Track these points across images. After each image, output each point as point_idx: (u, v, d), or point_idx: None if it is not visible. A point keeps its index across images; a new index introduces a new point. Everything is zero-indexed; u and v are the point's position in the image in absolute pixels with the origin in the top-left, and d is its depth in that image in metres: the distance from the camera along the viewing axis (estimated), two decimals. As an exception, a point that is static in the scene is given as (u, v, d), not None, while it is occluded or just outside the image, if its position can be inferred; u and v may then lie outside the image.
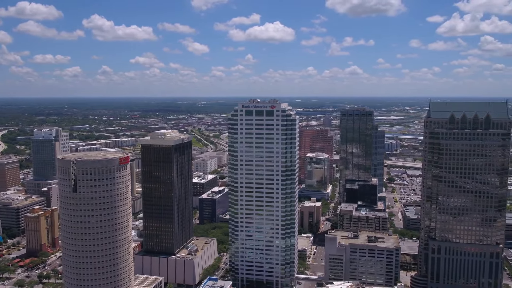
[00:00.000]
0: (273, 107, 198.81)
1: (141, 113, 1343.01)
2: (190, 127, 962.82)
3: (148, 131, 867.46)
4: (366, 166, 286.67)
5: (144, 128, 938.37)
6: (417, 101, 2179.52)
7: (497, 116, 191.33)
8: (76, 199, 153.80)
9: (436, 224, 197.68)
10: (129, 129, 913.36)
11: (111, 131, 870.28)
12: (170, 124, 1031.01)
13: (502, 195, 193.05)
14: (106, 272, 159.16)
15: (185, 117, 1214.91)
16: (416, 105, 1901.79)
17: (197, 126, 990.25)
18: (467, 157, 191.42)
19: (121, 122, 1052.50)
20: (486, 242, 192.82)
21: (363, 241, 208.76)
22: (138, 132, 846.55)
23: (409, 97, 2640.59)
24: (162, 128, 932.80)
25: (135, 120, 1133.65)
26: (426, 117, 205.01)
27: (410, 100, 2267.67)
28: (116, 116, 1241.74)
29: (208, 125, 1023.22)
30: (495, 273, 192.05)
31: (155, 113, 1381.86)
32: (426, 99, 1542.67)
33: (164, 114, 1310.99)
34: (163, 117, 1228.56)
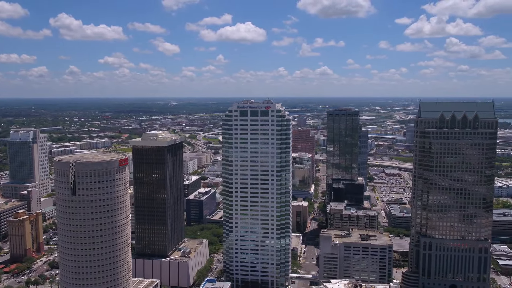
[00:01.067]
0: (268, 107, 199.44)
1: (112, 114, 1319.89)
2: (165, 128, 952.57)
3: (122, 132, 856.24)
4: (352, 166, 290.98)
5: (117, 129, 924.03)
6: (386, 101, 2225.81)
7: (485, 116, 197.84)
8: (75, 202, 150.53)
9: (427, 221, 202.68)
10: (102, 130, 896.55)
11: (83, 132, 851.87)
12: (144, 125, 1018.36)
13: (489, 192, 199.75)
14: (106, 276, 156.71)
15: (159, 117, 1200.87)
16: (386, 105, 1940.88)
17: (171, 127, 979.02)
18: (456, 156, 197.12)
19: (93, 123, 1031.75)
20: (475, 238, 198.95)
21: (356, 239, 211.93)
22: (112, 134, 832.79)
23: (378, 97, 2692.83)
24: (136, 129, 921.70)
25: (107, 121, 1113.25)
26: (417, 117, 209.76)
27: (379, 100, 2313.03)
28: (87, 117, 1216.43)
29: (183, 126, 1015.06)
30: (484, 267, 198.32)
31: (127, 114, 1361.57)
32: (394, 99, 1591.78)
33: (136, 115, 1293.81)
34: (136, 118, 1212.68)
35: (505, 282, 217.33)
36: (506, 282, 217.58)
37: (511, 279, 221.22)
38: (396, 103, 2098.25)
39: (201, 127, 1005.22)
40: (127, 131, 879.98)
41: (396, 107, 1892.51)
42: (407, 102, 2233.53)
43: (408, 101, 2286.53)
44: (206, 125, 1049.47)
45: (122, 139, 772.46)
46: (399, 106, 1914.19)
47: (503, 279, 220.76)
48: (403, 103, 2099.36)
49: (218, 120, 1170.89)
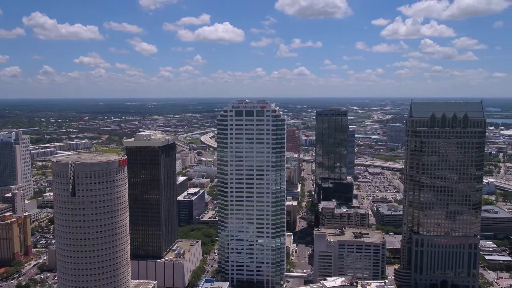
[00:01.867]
0: (263, 107, 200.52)
1: (90, 115, 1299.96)
2: (144, 129, 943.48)
3: (102, 133, 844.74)
4: (341, 165, 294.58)
5: (96, 130, 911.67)
6: (363, 102, 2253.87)
7: (474, 115, 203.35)
8: (75, 203, 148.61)
9: (419, 219, 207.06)
10: (80, 131, 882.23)
11: (62, 133, 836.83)
12: (123, 126, 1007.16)
13: (478, 190, 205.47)
14: (106, 278, 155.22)
15: (138, 118, 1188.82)
16: (363, 106, 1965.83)
17: (151, 128, 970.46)
18: (447, 154, 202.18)
19: (71, 124, 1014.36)
20: (464, 234, 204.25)
21: (349, 237, 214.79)
22: (92, 135, 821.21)
23: (355, 98, 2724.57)
24: (116, 130, 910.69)
25: (85, 122, 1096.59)
26: (408, 116, 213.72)
27: (356, 101, 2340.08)
28: (63, 118, 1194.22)
29: (163, 127, 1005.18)
30: (474, 262, 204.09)
31: (105, 114, 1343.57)
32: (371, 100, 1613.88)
33: (114, 116, 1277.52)
34: (114, 118, 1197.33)
35: (492, 277, 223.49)
36: (493, 277, 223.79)
37: (498, 273, 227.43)
38: (373, 103, 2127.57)
39: (182, 127, 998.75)
40: (107, 132, 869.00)
41: (373, 107, 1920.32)
42: (384, 102, 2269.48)
43: (385, 101, 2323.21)
44: (186, 125, 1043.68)
45: (102, 140, 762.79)
46: (376, 106, 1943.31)
47: (490, 274, 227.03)
48: (380, 103, 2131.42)
49: (198, 121, 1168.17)
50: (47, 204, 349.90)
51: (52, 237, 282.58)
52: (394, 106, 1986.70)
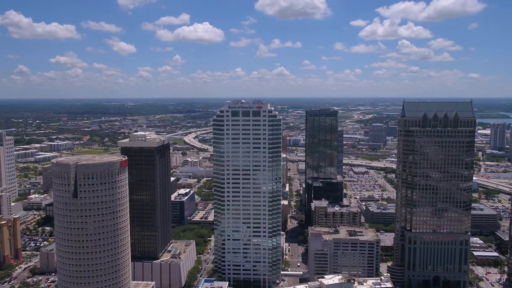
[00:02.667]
0: (260, 108, 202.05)
1: (68, 115, 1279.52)
2: (126, 130, 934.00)
3: (82, 134, 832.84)
4: (331, 164, 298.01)
5: (77, 131, 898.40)
6: (342, 102, 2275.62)
7: (464, 115, 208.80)
8: (77, 204, 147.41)
9: (411, 217, 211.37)
10: (60, 132, 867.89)
11: (41, 134, 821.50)
12: (104, 126, 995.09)
13: (469, 188, 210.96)
14: (108, 280, 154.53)
15: (118, 119, 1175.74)
16: (342, 106, 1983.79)
17: (132, 128, 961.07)
18: (439, 153, 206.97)
19: (50, 125, 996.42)
20: (456, 231, 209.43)
21: (344, 235, 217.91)
22: (72, 136, 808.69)
23: (334, 98, 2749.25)
24: (96, 131, 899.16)
25: (64, 122, 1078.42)
26: (400, 116, 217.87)
27: (336, 101, 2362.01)
28: (41, 118, 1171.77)
29: (144, 127, 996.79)
30: (465, 258, 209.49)
31: (84, 115, 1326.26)
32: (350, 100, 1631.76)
33: (93, 116, 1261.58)
34: (94, 119, 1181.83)
35: (481, 272, 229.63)
36: (482, 272, 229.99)
37: (486, 269, 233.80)
38: (352, 103, 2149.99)
39: (163, 128, 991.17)
40: (87, 133, 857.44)
41: (352, 107, 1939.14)
42: (362, 102, 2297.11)
43: (363, 102, 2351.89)
44: (168, 126, 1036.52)
45: (83, 140, 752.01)
46: (355, 106, 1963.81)
47: (479, 269, 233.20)
48: (358, 103, 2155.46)
49: (180, 121, 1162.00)
50: (33, 206, 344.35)
51: (41, 240, 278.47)
52: (373, 106, 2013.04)
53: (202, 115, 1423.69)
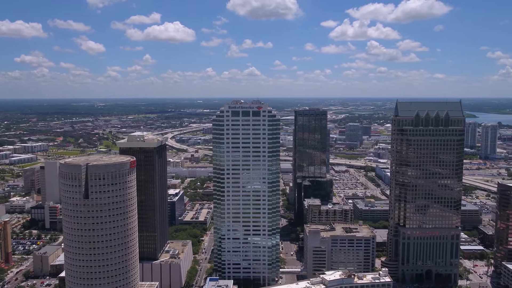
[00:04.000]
0: (260, 108, 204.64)
1: (38, 116, 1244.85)
2: (100, 130, 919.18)
3: (55, 135, 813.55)
4: (320, 163, 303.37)
5: (49, 132, 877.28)
6: (313, 102, 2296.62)
7: (454, 114, 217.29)
8: (88, 205, 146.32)
9: (406, 213, 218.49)
10: (32, 133, 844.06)
11: (12, 136, 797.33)
12: (77, 127, 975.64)
13: (459, 184, 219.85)
14: (118, 281, 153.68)
15: (90, 119, 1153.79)
16: (314, 105, 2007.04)
17: (106, 129, 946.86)
18: (431, 151, 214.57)
19: (20, 126, 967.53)
20: (447, 226, 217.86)
21: (340, 232, 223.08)
22: (45, 137, 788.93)
23: (305, 98, 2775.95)
24: (70, 131, 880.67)
25: (34, 123, 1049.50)
26: (394, 115, 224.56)
27: (306, 101, 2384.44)
28: (9, 119, 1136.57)
29: (118, 128, 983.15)
30: (455, 252, 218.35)
31: (53, 115, 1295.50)
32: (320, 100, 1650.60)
33: (64, 117, 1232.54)
34: (65, 120, 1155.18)
35: (468, 265, 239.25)
36: (469, 265, 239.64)
37: (473, 262, 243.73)
38: (323, 103, 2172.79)
39: (138, 128, 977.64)
40: (60, 134, 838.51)
41: (324, 107, 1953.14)
42: (333, 102, 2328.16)
43: (334, 101, 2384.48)
44: (142, 126, 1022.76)
45: (57, 142, 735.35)
46: (327, 106, 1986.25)
47: (466, 262, 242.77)
48: (329, 103, 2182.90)
49: (154, 122, 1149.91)
50: (16, 209, 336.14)
51: (29, 243, 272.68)
52: (343, 106, 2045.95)
53: (175, 115, 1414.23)
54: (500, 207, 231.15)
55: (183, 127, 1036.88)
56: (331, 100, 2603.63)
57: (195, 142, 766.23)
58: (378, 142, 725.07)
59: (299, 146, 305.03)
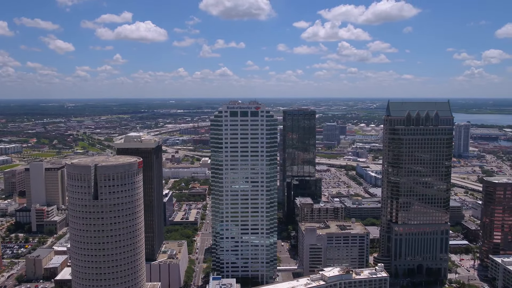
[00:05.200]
0: (258, 108, 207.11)
1: (6, 117, 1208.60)
2: (73, 131, 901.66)
3: (27, 137, 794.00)
4: (310, 162, 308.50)
5: (20, 133, 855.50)
6: (286, 102, 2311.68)
7: (443, 114, 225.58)
8: (98, 206, 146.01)
9: (398, 209, 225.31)
10: (2, 135, 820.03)
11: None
12: (49, 128, 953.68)
13: (448, 181, 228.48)
14: (127, 282, 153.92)
15: (62, 120, 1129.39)
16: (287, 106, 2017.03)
17: (80, 130, 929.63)
18: (422, 150, 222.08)
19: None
20: (437, 222, 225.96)
21: (335, 230, 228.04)
22: (17, 138, 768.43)
23: (277, 98, 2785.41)
24: (42, 133, 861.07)
25: (3, 125, 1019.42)
26: (386, 115, 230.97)
27: (279, 101, 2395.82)
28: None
29: (92, 129, 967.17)
30: (445, 246, 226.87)
31: (23, 116, 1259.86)
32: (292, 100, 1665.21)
33: (34, 118, 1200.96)
34: (35, 121, 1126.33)
35: (455, 259, 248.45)
36: (456, 259, 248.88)
37: (460, 256, 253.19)
38: (295, 104, 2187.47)
39: (113, 129, 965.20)
40: (33, 135, 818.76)
41: (296, 107, 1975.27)
42: (305, 102, 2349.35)
43: (306, 102, 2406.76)
44: (117, 127, 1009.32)
45: (31, 143, 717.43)
46: (299, 107, 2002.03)
47: (453, 256, 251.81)
48: (302, 104, 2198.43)
49: (128, 122, 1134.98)
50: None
51: (17, 247, 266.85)
52: (316, 106, 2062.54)
53: (149, 115, 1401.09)
54: (486, 203, 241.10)
55: (159, 127, 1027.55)
56: (303, 100, 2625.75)
57: (173, 142, 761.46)
58: (355, 142, 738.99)
59: (287, 145, 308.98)
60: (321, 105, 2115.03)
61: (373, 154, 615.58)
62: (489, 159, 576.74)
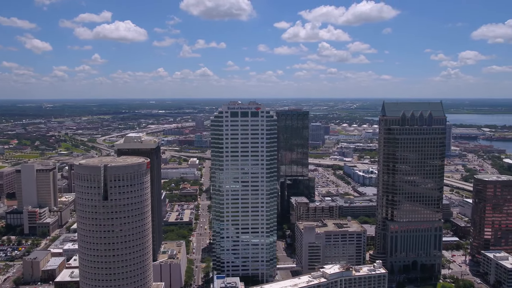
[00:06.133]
0: (258, 108, 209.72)
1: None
2: (55, 132, 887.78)
3: (8, 138, 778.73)
4: (303, 162, 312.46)
5: (0, 134, 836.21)
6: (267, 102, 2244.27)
7: (436, 114, 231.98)
8: (107, 207, 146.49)
9: (393, 207, 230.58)
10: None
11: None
12: (30, 129, 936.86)
13: (441, 179, 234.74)
14: (136, 282, 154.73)
15: (42, 121, 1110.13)
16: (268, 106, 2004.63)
17: (61, 131, 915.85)
18: (417, 149, 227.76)
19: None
20: (432, 219, 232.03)
21: (332, 228, 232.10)
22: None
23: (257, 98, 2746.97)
24: (22, 134, 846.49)
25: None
26: (381, 115, 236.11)
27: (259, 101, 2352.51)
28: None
29: (74, 130, 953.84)
30: (439, 243, 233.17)
31: (1, 117, 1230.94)
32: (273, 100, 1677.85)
33: (13, 119, 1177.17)
34: (14, 121, 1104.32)
35: (447, 255, 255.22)
36: (448, 255, 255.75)
37: (451, 252, 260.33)
38: (276, 104, 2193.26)
39: (95, 130, 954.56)
40: (13, 136, 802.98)
41: (278, 107, 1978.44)
42: (286, 102, 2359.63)
43: (287, 102, 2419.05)
44: (99, 128, 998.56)
45: (12, 145, 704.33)
46: (281, 107, 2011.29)
47: (445, 253, 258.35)
48: (283, 104, 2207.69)
49: (110, 123, 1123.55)
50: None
51: (10, 249, 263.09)
52: (297, 106, 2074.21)
53: (131, 116, 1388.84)
54: (476, 200, 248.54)
55: (141, 128, 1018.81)
56: (284, 100, 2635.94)
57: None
58: (340, 142, 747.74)
59: (280, 146, 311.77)
60: (302, 106, 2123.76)
61: (358, 153, 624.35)
62: (471, 158, 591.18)
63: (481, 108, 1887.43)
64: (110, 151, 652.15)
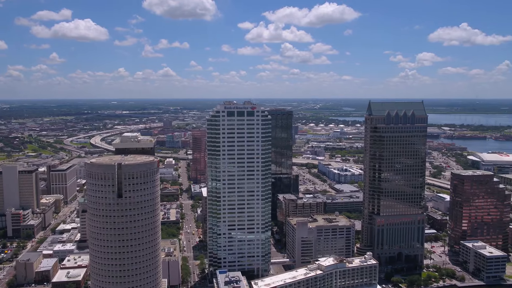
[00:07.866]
0: (254, 108, 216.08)
1: None
2: (18, 134, 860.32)
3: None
4: (288, 160, 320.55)
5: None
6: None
7: (419, 113, 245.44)
8: (122, 204, 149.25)
9: (379, 202, 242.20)
10: None
11: None
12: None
13: (423, 174, 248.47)
14: (148, 278, 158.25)
15: (2, 122, 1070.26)
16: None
17: (25, 132, 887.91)
18: (401, 146, 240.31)
19: None
20: (415, 212, 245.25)
21: (322, 223, 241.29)
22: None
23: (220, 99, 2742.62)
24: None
25: None
26: (367, 114, 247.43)
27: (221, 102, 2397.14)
28: None
29: (38, 131, 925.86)
30: (421, 235, 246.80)
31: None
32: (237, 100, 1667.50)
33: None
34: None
35: (427, 246, 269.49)
36: (427, 246, 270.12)
37: (430, 243, 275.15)
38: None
39: (60, 131, 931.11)
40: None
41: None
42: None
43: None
44: (64, 129, 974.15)
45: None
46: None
47: (425, 244, 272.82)
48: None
49: (74, 124, 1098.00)
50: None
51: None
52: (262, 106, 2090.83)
53: (94, 117, 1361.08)
54: (455, 194, 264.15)
55: (108, 129, 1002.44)
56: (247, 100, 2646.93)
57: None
58: (309, 141, 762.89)
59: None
60: (266, 106, 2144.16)
61: (329, 152, 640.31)
62: (436, 156, 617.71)
63: (438, 108, 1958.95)
64: (81, 152, 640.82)
